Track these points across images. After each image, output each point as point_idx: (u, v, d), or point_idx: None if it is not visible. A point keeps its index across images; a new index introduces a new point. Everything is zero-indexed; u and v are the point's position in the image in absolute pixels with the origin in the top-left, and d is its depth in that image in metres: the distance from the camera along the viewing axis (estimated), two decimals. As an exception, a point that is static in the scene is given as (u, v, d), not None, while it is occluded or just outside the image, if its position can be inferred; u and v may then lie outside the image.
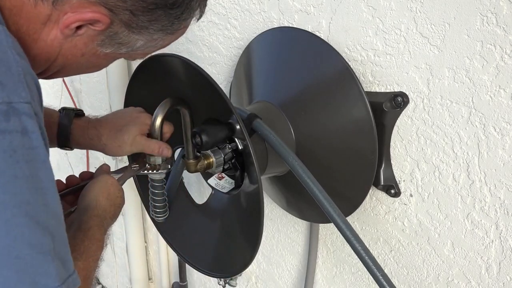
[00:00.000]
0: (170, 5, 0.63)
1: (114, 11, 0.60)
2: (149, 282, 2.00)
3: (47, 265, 0.49)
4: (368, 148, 0.88)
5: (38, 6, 0.58)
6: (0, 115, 0.46)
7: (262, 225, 0.82)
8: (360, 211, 0.99)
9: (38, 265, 0.48)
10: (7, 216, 0.46)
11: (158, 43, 0.70)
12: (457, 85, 0.79)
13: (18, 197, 0.47)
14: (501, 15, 0.72)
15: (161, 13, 0.64)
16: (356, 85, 0.87)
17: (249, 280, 1.43)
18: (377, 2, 0.85)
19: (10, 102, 0.47)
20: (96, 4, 0.59)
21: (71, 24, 0.60)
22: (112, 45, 0.65)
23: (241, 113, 0.89)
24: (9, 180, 0.47)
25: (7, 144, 0.46)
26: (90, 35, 0.63)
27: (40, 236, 0.49)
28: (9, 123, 0.46)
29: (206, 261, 1.02)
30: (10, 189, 0.47)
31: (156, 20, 0.64)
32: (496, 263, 0.83)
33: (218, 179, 0.94)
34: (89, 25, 0.61)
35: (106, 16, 0.60)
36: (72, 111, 0.89)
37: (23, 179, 0.48)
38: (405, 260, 0.97)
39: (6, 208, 0.46)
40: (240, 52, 1.13)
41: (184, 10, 0.66)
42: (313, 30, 0.97)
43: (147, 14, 0.63)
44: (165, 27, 0.66)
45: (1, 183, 0.46)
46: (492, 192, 0.80)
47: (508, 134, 0.76)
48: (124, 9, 0.60)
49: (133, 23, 0.63)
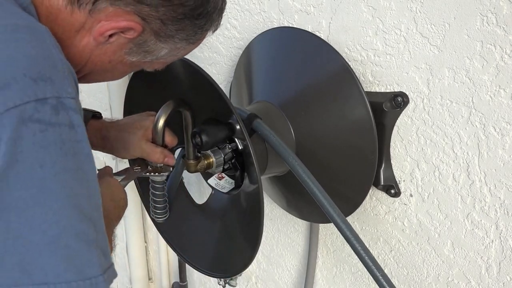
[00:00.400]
0: (196, 15, 0.65)
1: (147, 20, 0.62)
2: (149, 282, 2.00)
3: (92, 255, 0.50)
4: (368, 148, 0.88)
5: (74, 14, 0.60)
6: (51, 109, 0.47)
7: (262, 225, 0.82)
8: (360, 211, 0.99)
9: (83, 254, 0.50)
10: (57, 206, 0.48)
11: (180, 52, 0.71)
12: (457, 85, 0.79)
13: (67, 189, 0.48)
14: (501, 15, 0.72)
15: (188, 23, 0.65)
16: (356, 85, 0.87)
17: (249, 280, 1.43)
18: (377, 2, 0.85)
19: (59, 97, 0.48)
20: (130, 13, 0.61)
21: (105, 32, 0.61)
22: (139, 53, 0.67)
23: (241, 113, 0.89)
24: (59, 172, 0.48)
25: (57, 137, 0.48)
26: (120, 43, 0.64)
27: (86, 227, 0.50)
28: (59, 116, 0.48)
29: (206, 261, 1.02)
30: (60, 181, 0.48)
31: (182, 29, 0.66)
32: (496, 263, 0.83)
33: (218, 179, 0.94)
34: (120, 33, 0.63)
35: (139, 24, 0.62)
36: (90, 112, 0.91)
37: (71, 172, 0.49)
38: (405, 260, 0.97)
39: (57, 199, 0.48)
40: (240, 52, 1.13)
41: (207, 20, 0.68)
42: (313, 30, 0.97)
43: (175, 24, 0.64)
44: (189, 36, 0.68)
45: (51, 174, 0.47)
46: (492, 192, 0.80)
47: (508, 134, 0.76)
48: (156, 18, 0.62)
49: (162, 32, 0.65)
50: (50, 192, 0.47)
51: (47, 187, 0.47)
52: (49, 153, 0.46)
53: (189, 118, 0.87)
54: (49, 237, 0.47)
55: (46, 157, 0.46)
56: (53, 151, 0.47)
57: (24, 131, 0.44)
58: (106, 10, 0.60)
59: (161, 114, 0.85)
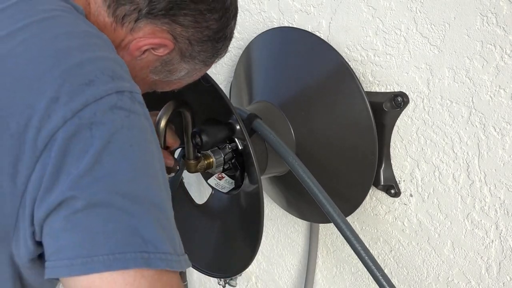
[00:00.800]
0: (217, 38, 0.69)
1: (177, 39, 0.65)
2: (149, 282, 2.00)
3: (176, 234, 0.53)
4: (368, 148, 0.88)
5: (117, 31, 0.63)
6: (129, 99, 0.50)
7: (262, 225, 0.82)
8: (360, 211, 0.99)
9: (172, 231, 0.52)
10: (146, 182, 0.50)
11: (196, 73, 0.74)
12: (457, 85, 0.79)
13: (151, 169, 0.51)
14: (501, 15, 0.72)
15: (209, 45, 0.69)
16: (356, 85, 0.87)
17: (249, 280, 1.43)
18: (377, 2, 0.85)
19: (131, 91, 0.51)
20: (165, 31, 0.64)
21: (143, 46, 0.64)
22: (162, 72, 0.69)
23: (241, 113, 0.89)
24: (145, 153, 0.50)
25: (139, 122, 0.51)
26: (149, 60, 0.67)
27: (169, 208, 0.53)
28: (135, 106, 0.51)
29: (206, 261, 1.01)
30: (146, 161, 0.50)
31: (204, 51, 0.69)
32: (496, 263, 0.83)
33: (218, 179, 0.94)
34: (151, 50, 0.65)
35: (172, 42, 0.65)
36: None
37: (152, 155, 0.52)
38: (405, 260, 0.97)
39: (146, 176, 0.50)
40: (240, 52, 1.13)
41: (223, 45, 0.72)
42: (313, 30, 0.97)
43: (200, 45, 0.68)
44: (207, 58, 0.71)
45: (140, 153, 0.50)
46: (492, 192, 0.80)
47: (508, 134, 0.76)
48: (186, 38, 0.66)
49: (187, 52, 0.68)
50: (140, 169, 0.49)
51: (137, 165, 0.49)
52: (135, 135, 0.50)
53: (189, 118, 0.87)
54: (146, 210, 0.48)
55: (133, 138, 0.49)
56: (137, 134, 0.50)
57: (112, 117, 0.48)
58: (144, 28, 0.63)
59: (162, 116, 0.85)
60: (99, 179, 0.46)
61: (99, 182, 0.46)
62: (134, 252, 0.46)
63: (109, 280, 0.45)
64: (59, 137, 0.46)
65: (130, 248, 0.46)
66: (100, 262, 0.45)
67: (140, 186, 0.49)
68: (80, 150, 0.46)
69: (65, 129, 0.46)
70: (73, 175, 0.46)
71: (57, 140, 0.46)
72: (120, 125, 0.48)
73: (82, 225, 0.46)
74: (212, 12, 0.66)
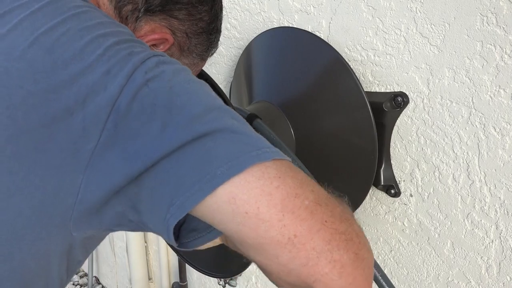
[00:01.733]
0: (210, 30, 0.72)
1: (176, 33, 0.68)
2: (149, 282, 2.00)
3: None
4: (368, 148, 0.88)
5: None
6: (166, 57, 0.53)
7: (262, 225, 0.82)
8: (360, 211, 0.99)
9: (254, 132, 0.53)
10: (219, 103, 0.52)
11: (194, 68, 0.76)
12: (457, 85, 0.79)
13: (213, 93, 0.53)
14: (501, 15, 0.72)
15: (204, 37, 0.72)
16: (356, 85, 0.87)
17: (249, 280, 1.43)
18: (377, 2, 0.85)
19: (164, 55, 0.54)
20: (163, 27, 0.67)
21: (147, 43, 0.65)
22: None
23: (241, 113, 0.89)
24: (202, 85, 0.53)
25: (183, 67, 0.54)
26: None
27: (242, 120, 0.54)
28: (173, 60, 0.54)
29: (206, 261, 1.01)
30: (208, 91, 0.53)
31: (200, 44, 0.72)
32: (496, 263, 0.83)
33: (218, 179, 0.94)
34: (152, 47, 0.68)
35: (171, 36, 0.68)
36: None
37: (208, 86, 0.54)
38: (405, 260, 0.97)
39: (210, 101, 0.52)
40: (240, 52, 1.13)
41: (215, 37, 0.75)
42: (313, 30, 0.97)
43: (196, 37, 0.71)
44: (203, 51, 0.74)
45: (198, 84, 0.52)
46: (492, 192, 0.80)
47: (508, 134, 0.76)
48: (183, 32, 0.69)
49: (185, 46, 0.70)
50: (207, 97, 0.52)
51: (203, 95, 0.52)
52: (186, 75, 0.52)
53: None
54: (236, 123, 0.51)
55: (186, 77, 0.52)
56: (187, 74, 0.53)
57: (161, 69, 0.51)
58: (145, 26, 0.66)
59: None
60: (183, 117, 0.49)
61: (185, 119, 0.49)
62: (249, 152, 0.49)
63: (243, 182, 0.47)
64: (122, 103, 0.48)
65: (245, 153, 0.48)
66: (224, 172, 0.47)
67: (216, 108, 0.51)
68: (149, 104, 0.48)
69: (125, 93, 0.48)
70: (156, 129, 0.48)
71: (120, 107, 0.48)
72: (171, 72, 0.51)
73: (196, 155, 0.48)
74: (202, 4, 0.69)
